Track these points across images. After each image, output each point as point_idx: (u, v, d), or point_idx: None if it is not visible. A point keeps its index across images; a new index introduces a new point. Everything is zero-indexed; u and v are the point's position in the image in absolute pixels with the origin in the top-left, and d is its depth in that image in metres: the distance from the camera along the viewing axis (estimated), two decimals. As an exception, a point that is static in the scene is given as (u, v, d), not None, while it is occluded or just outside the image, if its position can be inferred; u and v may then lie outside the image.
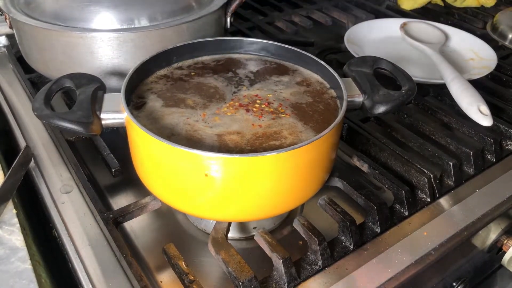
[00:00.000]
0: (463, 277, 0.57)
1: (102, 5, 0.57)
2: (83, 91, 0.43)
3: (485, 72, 0.70)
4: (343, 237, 0.46)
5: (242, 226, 0.49)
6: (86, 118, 0.40)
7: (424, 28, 0.83)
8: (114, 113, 0.42)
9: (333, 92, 0.49)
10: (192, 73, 0.50)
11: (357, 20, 0.91)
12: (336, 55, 0.79)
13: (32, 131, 0.61)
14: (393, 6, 1.01)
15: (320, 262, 0.43)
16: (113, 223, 0.46)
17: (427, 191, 0.52)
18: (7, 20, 0.64)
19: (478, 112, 0.57)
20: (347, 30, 0.81)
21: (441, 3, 1.02)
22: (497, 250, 0.57)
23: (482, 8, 1.00)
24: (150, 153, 0.40)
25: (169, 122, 0.43)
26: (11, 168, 0.50)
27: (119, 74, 0.58)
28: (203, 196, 0.40)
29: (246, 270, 0.40)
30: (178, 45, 0.50)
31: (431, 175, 0.52)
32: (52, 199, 0.51)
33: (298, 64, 0.53)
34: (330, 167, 0.45)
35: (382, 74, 0.52)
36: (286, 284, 0.41)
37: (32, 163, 0.55)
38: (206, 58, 0.53)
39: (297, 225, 0.45)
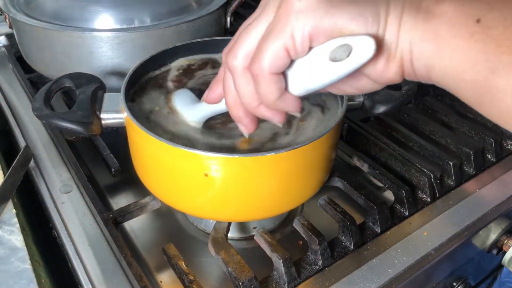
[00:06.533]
0: (464, 277, 0.58)
1: (102, 5, 0.57)
2: (83, 91, 0.43)
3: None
4: (343, 237, 0.46)
5: (242, 226, 0.49)
6: (86, 118, 0.40)
7: None
8: (114, 113, 0.42)
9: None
10: (192, 73, 0.50)
11: None
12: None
13: (32, 131, 0.60)
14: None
15: (320, 262, 0.43)
16: (113, 223, 0.46)
17: (427, 191, 0.52)
18: (7, 20, 0.64)
19: None
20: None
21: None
22: (497, 250, 0.57)
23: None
24: (150, 153, 0.40)
25: (169, 122, 0.43)
26: (11, 168, 0.49)
27: (119, 74, 0.58)
28: (203, 196, 0.40)
29: (246, 270, 0.40)
30: (178, 45, 0.50)
31: (431, 175, 0.52)
32: (52, 199, 0.51)
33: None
34: (330, 167, 0.45)
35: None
36: (286, 284, 0.41)
37: (32, 163, 0.55)
38: (205, 57, 0.53)
39: (297, 225, 0.45)
